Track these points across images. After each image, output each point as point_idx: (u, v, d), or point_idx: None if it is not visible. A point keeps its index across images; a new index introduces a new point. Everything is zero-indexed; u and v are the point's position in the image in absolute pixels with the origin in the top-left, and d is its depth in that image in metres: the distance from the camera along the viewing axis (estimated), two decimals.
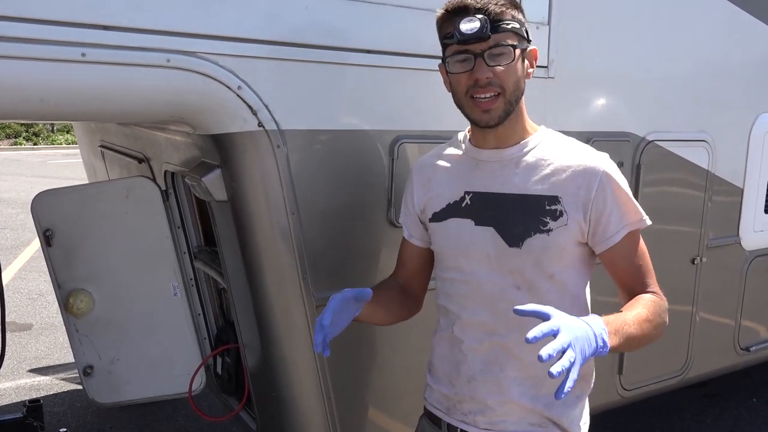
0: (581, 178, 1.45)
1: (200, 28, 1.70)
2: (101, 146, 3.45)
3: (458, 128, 1.65)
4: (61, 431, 3.42)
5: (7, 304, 2.96)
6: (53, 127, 24.64)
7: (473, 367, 1.55)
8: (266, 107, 1.83)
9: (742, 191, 3.16)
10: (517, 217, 1.47)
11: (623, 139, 2.64)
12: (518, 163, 1.50)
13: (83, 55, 1.56)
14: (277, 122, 1.86)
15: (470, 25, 1.38)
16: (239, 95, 1.78)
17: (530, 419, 1.53)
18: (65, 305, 2.85)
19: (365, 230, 2.09)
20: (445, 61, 1.48)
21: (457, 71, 1.45)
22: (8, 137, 23.15)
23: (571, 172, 1.46)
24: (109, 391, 2.98)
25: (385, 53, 2.00)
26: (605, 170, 1.46)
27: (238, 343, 2.45)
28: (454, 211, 1.55)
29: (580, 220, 1.45)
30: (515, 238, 1.46)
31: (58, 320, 5.52)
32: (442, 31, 1.48)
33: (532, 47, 1.50)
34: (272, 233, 1.95)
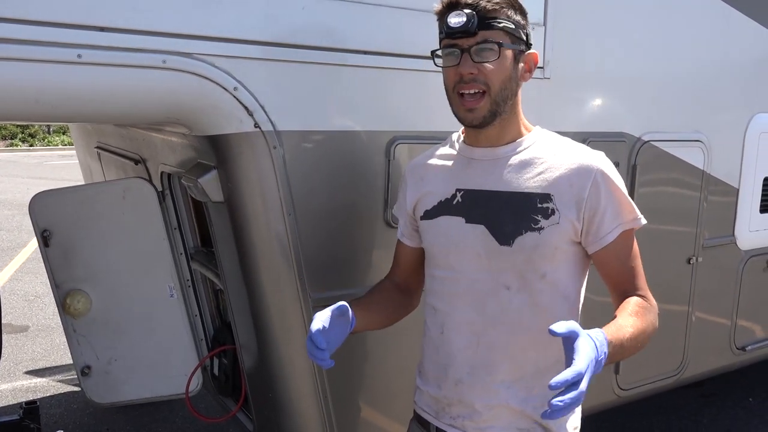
0: (575, 176, 1.44)
1: (196, 29, 1.70)
2: (97, 147, 3.45)
3: (454, 128, 1.65)
4: None
5: (3, 305, 2.96)
6: (49, 128, 24.59)
7: (461, 369, 1.53)
8: (262, 108, 1.83)
9: (737, 191, 3.17)
10: (508, 215, 1.46)
11: (619, 139, 2.64)
12: (511, 161, 1.50)
13: (79, 56, 1.56)
14: (273, 123, 1.86)
15: (457, 19, 1.40)
16: (235, 96, 1.79)
17: (519, 423, 1.51)
18: (63, 305, 2.84)
19: (361, 231, 2.09)
20: (437, 56, 1.50)
21: (444, 65, 1.47)
22: (4, 138, 23.10)
23: (564, 170, 1.45)
24: (106, 391, 2.99)
25: (381, 54, 2.00)
26: (600, 168, 1.45)
27: (234, 344, 2.45)
28: (445, 208, 1.55)
29: (573, 218, 1.44)
30: (506, 236, 1.45)
31: (54, 322, 5.51)
32: (439, 25, 1.49)
33: (532, 51, 1.49)
34: (268, 234, 1.95)
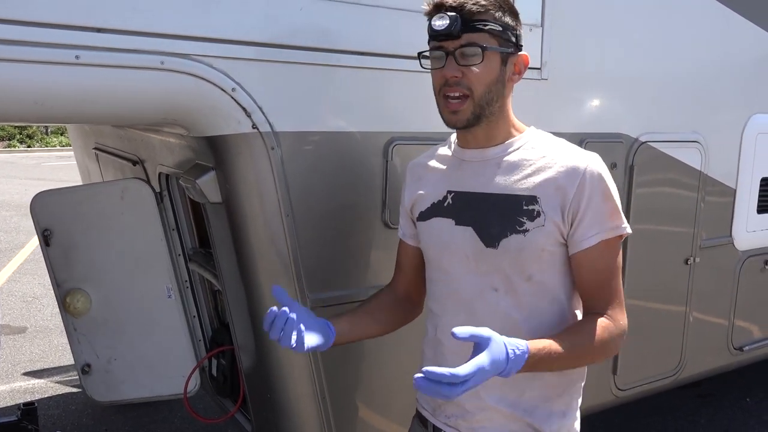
0: (562, 177, 1.43)
1: (194, 30, 1.70)
2: (95, 148, 3.45)
3: (452, 130, 1.66)
4: None
5: (1, 307, 2.95)
6: (47, 129, 24.57)
7: None
8: (260, 109, 1.83)
9: (734, 192, 3.17)
10: (495, 217, 1.46)
11: (616, 140, 2.65)
12: (500, 163, 1.49)
13: (77, 57, 1.56)
14: (271, 124, 1.86)
15: (441, 21, 1.39)
16: (233, 97, 1.79)
17: (512, 426, 1.50)
18: (63, 304, 2.86)
19: (359, 231, 2.09)
20: (425, 58, 1.50)
21: (430, 67, 1.47)
22: (2, 140, 23.08)
23: (553, 172, 1.44)
24: (106, 389, 3.01)
25: (379, 55, 2.00)
26: (589, 170, 1.42)
27: (233, 344, 2.45)
28: (437, 210, 1.55)
29: (558, 221, 1.42)
30: (492, 238, 1.45)
31: (52, 323, 5.51)
32: (427, 27, 1.48)
33: (522, 53, 1.48)
34: (266, 235, 1.95)
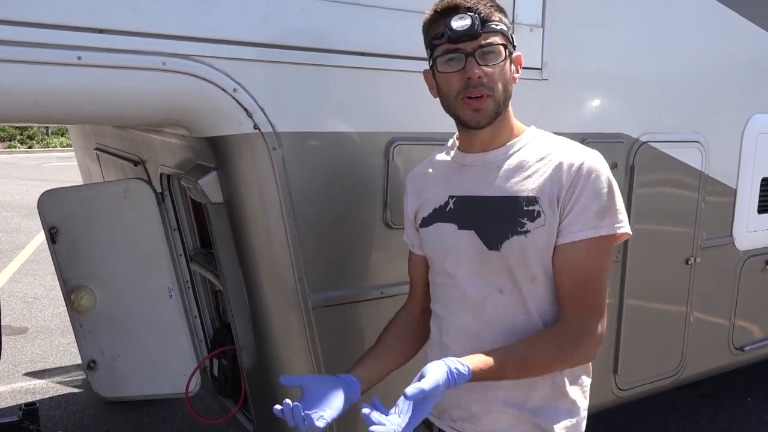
0: (558, 172, 1.42)
1: (195, 31, 1.71)
2: (97, 149, 3.45)
3: (453, 130, 1.66)
4: None
5: (2, 307, 2.97)
6: (48, 130, 24.58)
7: None
8: (261, 110, 1.84)
9: (735, 192, 3.18)
10: (496, 219, 1.45)
11: (617, 140, 2.65)
12: (501, 166, 1.49)
13: (79, 58, 1.56)
14: (272, 124, 1.86)
15: (462, 22, 1.39)
16: (234, 98, 1.79)
17: (518, 428, 1.50)
18: (69, 301, 2.89)
19: (361, 232, 2.10)
20: (434, 63, 1.47)
21: (447, 71, 1.44)
22: (2, 140, 23.09)
23: (550, 169, 1.44)
24: (111, 385, 3.06)
25: (380, 56, 2.00)
26: (585, 165, 1.41)
27: (234, 345, 2.45)
28: (439, 215, 1.55)
29: (555, 219, 1.42)
30: (494, 241, 1.45)
31: (53, 323, 5.52)
32: (430, 33, 1.48)
33: (517, 53, 1.50)
34: (268, 235, 1.95)
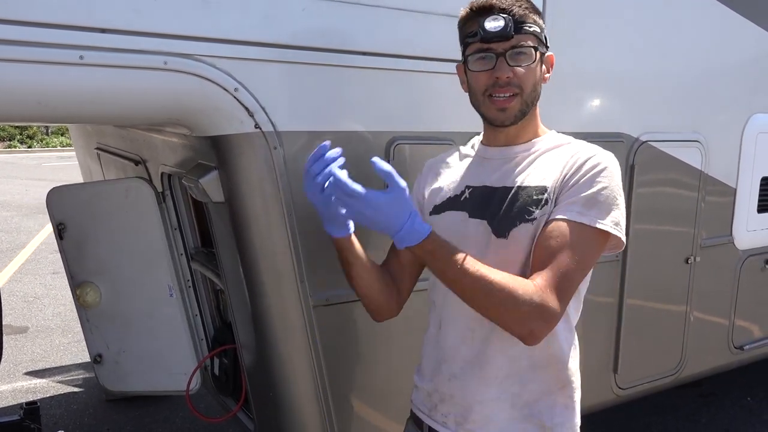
0: (568, 164, 1.45)
1: (197, 30, 1.71)
2: (97, 149, 3.46)
3: (453, 130, 1.67)
4: None
5: (2, 306, 2.98)
6: (48, 129, 24.58)
7: (454, 364, 1.54)
8: (263, 109, 1.84)
9: (735, 191, 3.18)
10: (508, 208, 1.47)
11: (617, 140, 2.66)
12: (521, 160, 1.52)
13: (81, 57, 1.56)
14: (273, 124, 1.87)
15: (495, 23, 1.41)
16: (236, 97, 1.79)
17: (512, 424, 1.50)
18: (75, 296, 2.94)
19: (362, 231, 2.09)
20: (465, 60, 1.51)
21: (477, 69, 1.47)
22: (2, 140, 23.09)
23: (563, 161, 1.46)
24: (116, 379, 3.11)
25: (381, 55, 2.01)
26: (593, 159, 1.43)
27: (235, 343, 2.46)
28: (452, 204, 1.58)
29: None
30: (503, 228, 1.46)
31: (54, 323, 5.52)
32: (464, 30, 1.50)
33: (549, 53, 1.53)
34: (269, 234, 1.96)
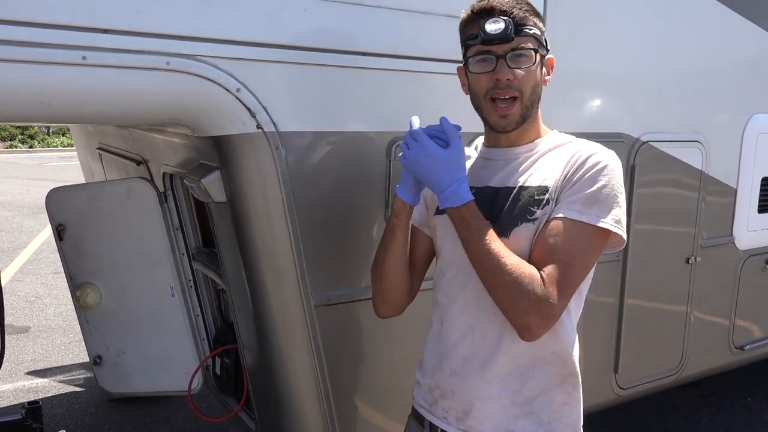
0: (569, 163, 1.46)
1: (199, 31, 1.72)
2: (99, 149, 3.46)
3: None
4: None
5: (4, 306, 2.99)
6: (49, 129, 24.59)
7: (455, 361, 1.55)
8: (265, 109, 1.85)
9: (735, 191, 3.18)
10: (510, 209, 1.48)
11: (617, 140, 2.66)
12: (523, 161, 1.53)
13: (84, 58, 1.57)
14: (275, 124, 1.87)
15: (495, 26, 1.42)
16: (238, 97, 1.80)
17: (511, 422, 1.51)
18: (75, 297, 2.92)
19: (363, 231, 2.11)
20: (466, 62, 1.52)
21: (478, 71, 1.48)
22: (3, 140, 23.11)
23: (564, 160, 1.47)
24: (116, 381, 3.09)
25: (382, 56, 2.01)
26: (594, 157, 1.44)
27: (236, 343, 2.46)
28: None
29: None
30: (504, 228, 1.47)
31: (55, 323, 5.53)
32: (465, 32, 1.51)
33: (549, 56, 1.54)
34: (271, 234, 1.96)
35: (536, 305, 1.36)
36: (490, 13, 1.44)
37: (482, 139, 1.67)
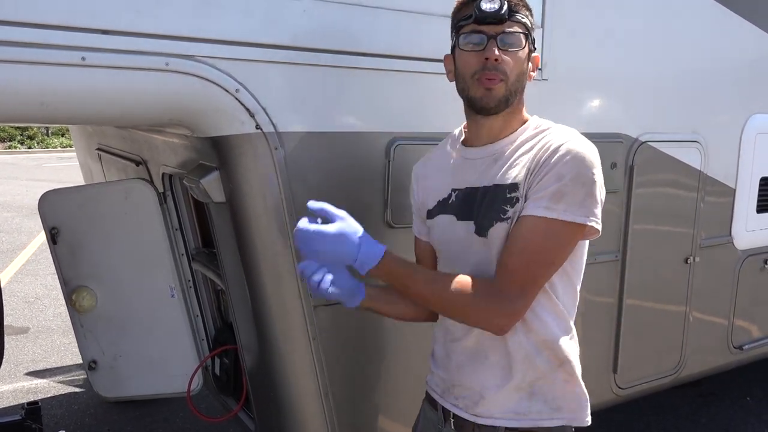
0: (537, 157, 1.46)
1: (199, 31, 1.72)
2: (98, 149, 3.46)
3: (453, 130, 1.68)
4: None
5: (3, 307, 2.98)
6: (48, 130, 24.58)
7: (461, 355, 1.61)
8: (264, 110, 1.85)
9: (734, 191, 3.19)
10: (487, 208, 1.51)
11: (616, 140, 2.66)
12: (498, 157, 1.54)
13: (83, 59, 1.57)
14: (274, 124, 1.88)
15: (491, 5, 1.45)
16: (237, 98, 1.80)
17: (518, 402, 1.56)
18: (70, 301, 2.89)
19: None
20: (457, 42, 1.52)
21: (468, 49, 1.49)
22: (3, 141, 23.10)
23: (532, 154, 1.48)
24: (112, 385, 3.05)
25: (381, 56, 2.02)
26: (562, 148, 1.43)
27: (235, 344, 2.46)
28: (442, 207, 1.62)
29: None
30: (483, 228, 1.50)
31: (54, 323, 5.53)
32: (459, 14, 1.52)
33: (535, 54, 1.56)
34: (270, 234, 1.96)
35: (494, 309, 1.44)
36: None
37: (459, 131, 1.67)
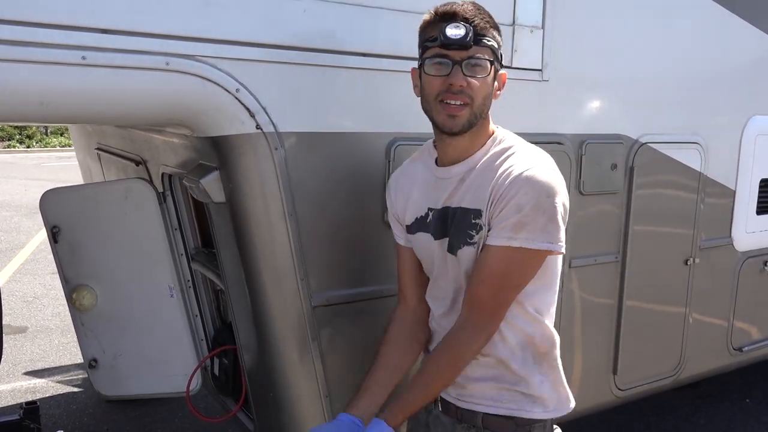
0: (497, 185, 1.49)
1: (199, 31, 1.72)
2: (98, 149, 3.46)
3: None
4: None
5: (2, 306, 2.98)
6: (47, 129, 24.57)
7: None
8: (264, 110, 1.85)
9: (734, 193, 3.19)
10: (456, 229, 1.56)
11: (616, 141, 2.66)
12: (466, 177, 1.58)
13: (83, 58, 1.57)
14: (274, 125, 1.87)
15: (456, 31, 1.44)
16: (237, 98, 1.80)
17: (500, 392, 1.62)
18: (70, 300, 2.90)
19: (362, 231, 2.11)
20: (423, 63, 1.53)
21: (433, 74, 1.50)
22: (1, 140, 23.08)
23: (493, 181, 1.51)
24: (112, 384, 3.06)
25: (381, 56, 2.02)
26: (522, 177, 1.46)
27: (235, 344, 2.46)
28: (421, 225, 1.67)
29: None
30: (453, 247, 1.57)
31: (53, 323, 5.52)
32: (425, 33, 1.54)
33: (502, 72, 1.57)
34: (270, 235, 1.96)
35: (475, 342, 1.54)
36: (452, 17, 1.46)
37: (430, 149, 1.70)
